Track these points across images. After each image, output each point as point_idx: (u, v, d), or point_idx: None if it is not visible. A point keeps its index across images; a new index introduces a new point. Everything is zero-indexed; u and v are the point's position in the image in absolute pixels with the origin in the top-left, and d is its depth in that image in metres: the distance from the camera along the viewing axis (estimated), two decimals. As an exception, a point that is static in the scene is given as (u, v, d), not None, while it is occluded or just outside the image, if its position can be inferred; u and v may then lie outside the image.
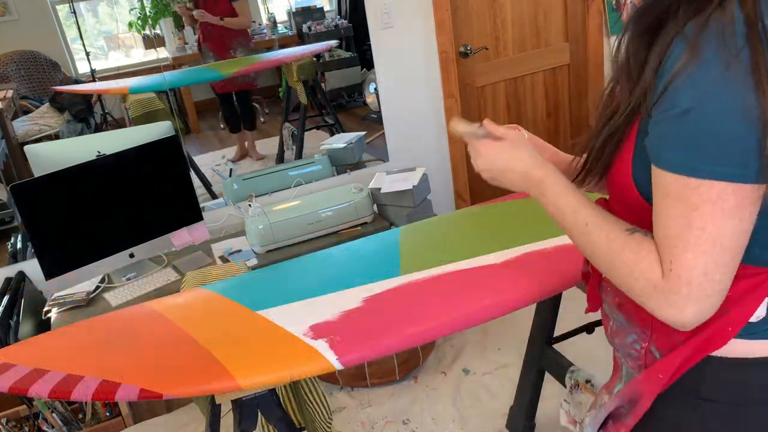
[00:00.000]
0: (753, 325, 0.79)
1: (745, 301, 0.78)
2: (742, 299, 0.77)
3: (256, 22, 2.97)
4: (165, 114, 2.71)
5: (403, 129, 3.01)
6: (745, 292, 0.77)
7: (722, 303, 0.74)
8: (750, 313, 0.78)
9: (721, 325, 0.78)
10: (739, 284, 0.76)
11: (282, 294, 1.40)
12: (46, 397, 1.15)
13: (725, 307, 0.75)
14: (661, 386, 0.84)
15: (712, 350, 0.80)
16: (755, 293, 0.77)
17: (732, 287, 0.74)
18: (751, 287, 0.77)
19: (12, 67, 2.48)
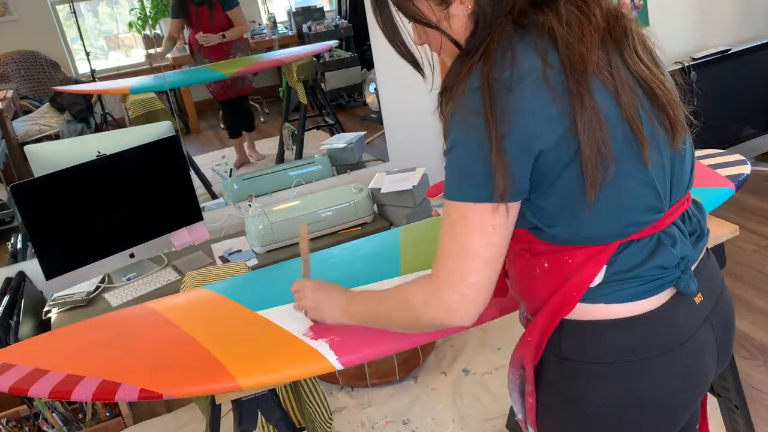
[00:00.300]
0: (593, 290, 0.91)
1: (584, 269, 0.91)
2: (582, 268, 0.91)
3: (256, 22, 2.97)
4: (165, 114, 2.71)
5: (403, 129, 3.01)
6: (584, 261, 0.91)
7: (565, 271, 0.91)
8: (589, 279, 0.91)
9: (567, 290, 0.92)
10: (578, 255, 0.91)
11: (282, 294, 1.40)
12: (46, 397, 1.15)
13: (568, 275, 0.91)
14: (533, 348, 0.96)
15: (564, 314, 0.93)
16: (592, 262, 0.90)
17: (572, 258, 0.91)
18: (589, 257, 0.90)
19: (12, 67, 2.48)
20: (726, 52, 3.31)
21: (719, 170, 1.66)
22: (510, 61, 0.83)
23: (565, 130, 0.83)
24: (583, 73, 0.83)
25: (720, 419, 1.68)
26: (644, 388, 0.92)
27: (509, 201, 0.85)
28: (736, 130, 3.50)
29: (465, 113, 0.84)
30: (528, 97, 0.82)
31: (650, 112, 0.89)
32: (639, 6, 3.24)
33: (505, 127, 0.81)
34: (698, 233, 0.99)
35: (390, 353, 1.19)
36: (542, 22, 0.86)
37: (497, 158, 0.82)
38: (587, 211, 0.86)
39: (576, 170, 0.84)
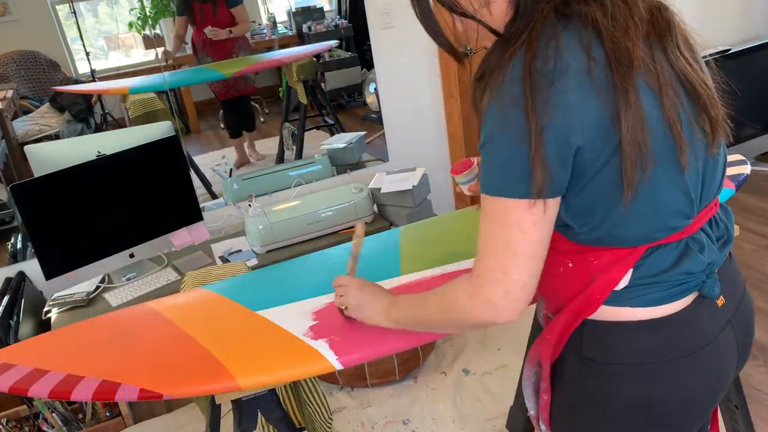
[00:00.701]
0: (618, 293, 0.90)
1: (610, 272, 0.90)
2: (607, 270, 0.90)
3: (256, 22, 2.97)
4: (165, 114, 2.71)
5: (403, 129, 3.01)
6: (610, 264, 0.89)
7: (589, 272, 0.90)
8: (615, 282, 0.90)
9: (591, 291, 0.91)
10: (604, 257, 0.90)
11: (282, 294, 1.40)
12: (46, 397, 1.15)
13: (593, 276, 0.90)
14: (551, 346, 0.96)
15: (587, 314, 0.92)
16: (619, 265, 0.89)
17: (598, 259, 0.90)
18: (616, 260, 0.89)
19: (12, 67, 2.48)
20: (726, 52, 3.31)
21: (719, 170, 1.65)
22: (553, 51, 0.80)
23: (607, 127, 0.81)
24: (629, 68, 0.81)
25: (720, 419, 1.68)
26: (665, 390, 0.91)
27: (547, 197, 0.83)
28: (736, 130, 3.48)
29: (503, 104, 0.81)
30: (571, 90, 0.80)
31: (690, 113, 0.87)
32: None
33: (546, 120, 0.79)
34: (725, 238, 0.98)
35: (390, 353, 1.19)
36: (585, 13, 0.83)
37: (536, 153, 0.79)
38: (620, 212, 0.85)
39: (614, 169, 0.82)
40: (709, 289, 0.92)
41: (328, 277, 1.46)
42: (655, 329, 0.90)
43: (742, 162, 1.69)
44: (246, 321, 1.31)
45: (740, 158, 1.71)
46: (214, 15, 2.78)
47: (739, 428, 1.62)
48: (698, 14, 3.42)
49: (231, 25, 2.81)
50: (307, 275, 1.50)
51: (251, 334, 1.25)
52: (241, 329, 1.28)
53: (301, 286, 1.44)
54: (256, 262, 2.41)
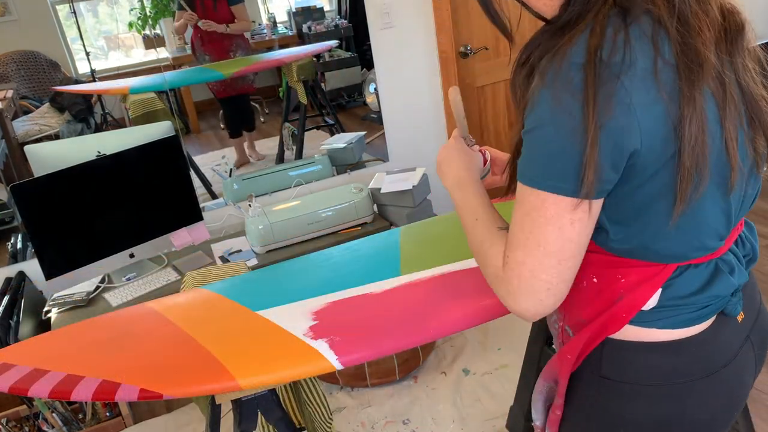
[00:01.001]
0: (645, 314, 0.87)
1: (638, 291, 0.85)
2: (635, 289, 0.86)
3: (256, 22, 2.97)
4: (165, 114, 2.71)
5: (403, 129, 3.01)
6: (638, 283, 0.85)
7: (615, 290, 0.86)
8: (642, 302, 0.86)
9: (616, 310, 0.87)
10: (632, 274, 0.85)
11: (282, 294, 1.40)
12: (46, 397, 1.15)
13: (620, 294, 0.86)
14: (570, 365, 0.92)
15: (610, 333, 0.88)
16: (648, 284, 0.85)
17: (624, 277, 0.85)
18: (644, 278, 0.85)
19: (12, 67, 2.48)
20: (726, 52, 3.30)
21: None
22: (622, 42, 0.73)
23: (667, 134, 0.75)
24: (699, 74, 0.74)
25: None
26: (686, 409, 0.88)
27: (594, 197, 0.77)
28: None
29: (560, 91, 0.74)
30: (637, 89, 0.73)
31: (747, 131, 0.82)
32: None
33: (606, 117, 0.72)
34: (750, 257, 0.95)
35: (390, 353, 1.19)
36: (650, 10, 0.76)
37: (591, 150, 0.73)
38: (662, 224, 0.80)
39: (666, 178, 0.77)
40: (733, 308, 0.90)
41: (328, 277, 1.46)
42: (678, 350, 0.88)
43: (742, 162, 1.69)
44: (246, 321, 1.31)
45: (740, 158, 1.71)
46: (215, 9, 2.79)
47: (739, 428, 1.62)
48: (698, 14, 3.42)
49: (230, 22, 2.81)
50: (307, 275, 1.50)
51: (251, 334, 1.25)
52: (241, 329, 1.28)
53: (301, 286, 1.44)
54: (256, 262, 2.41)
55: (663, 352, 0.88)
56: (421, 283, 1.37)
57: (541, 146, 0.77)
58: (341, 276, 1.46)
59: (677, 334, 0.88)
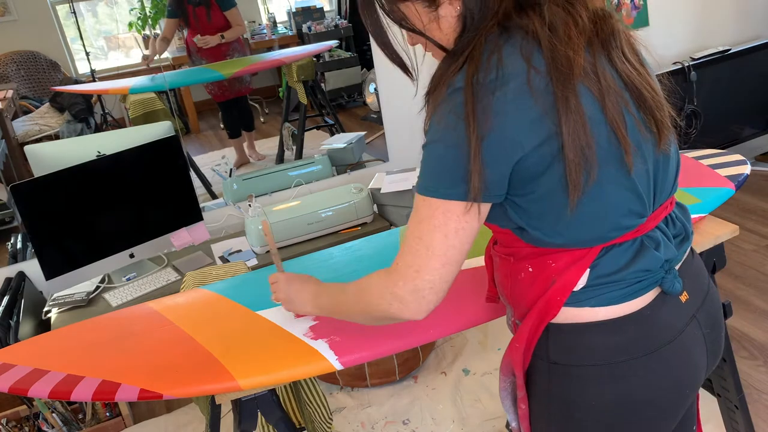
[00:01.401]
0: (576, 294, 0.92)
1: (568, 273, 0.91)
2: (565, 271, 0.91)
3: (256, 22, 2.97)
4: (165, 114, 2.71)
5: (403, 129, 3.01)
6: (567, 266, 0.91)
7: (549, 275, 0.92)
8: (573, 283, 0.91)
9: (551, 294, 0.92)
10: (561, 259, 0.91)
11: (282, 294, 1.40)
12: (46, 398, 1.15)
13: (552, 279, 0.92)
14: (521, 354, 0.97)
15: (550, 318, 0.94)
16: (576, 266, 0.91)
17: (555, 261, 0.91)
18: (572, 261, 0.91)
19: (12, 67, 2.48)
20: (726, 52, 3.31)
21: (719, 170, 1.66)
22: (495, 63, 0.83)
23: (548, 134, 0.83)
24: (569, 75, 0.83)
25: (720, 419, 1.68)
26: (632, 388, 0.92)
27: (481, 201, 0.85)
28: (736, 130, 3.50)
29: (444, 112, 0.85)
30: (511, 100, 0.82)
31: (636, 116, 0.89)
32: (639, 6, 3.24)
33: (485, 128, 0.81)
34: (683, 236, 1.00)
35: (390, 353, 1.19)
36: (526, 25, 0.85)
37: (474, 158, 0.82)
38: (569, 214, 0.87)
39: (558, 173, 0.84)
40: (670, 286, 0.93)
41: (328, 277, 1.46)
42: (617, 328, 0.92)
43: (742, 162, 1.69)
44: (246, 321, 1.31)
45: (740, 158, 1.71)
46: (208, 18, 2.78)
47: (739, 428, 1.62)
48: (698, 14, 3.42)
49: (225, 28, 2.80)
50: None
51: (251, 334, 1.25)
52: (241, 329, 1.28)
53: (301, 286, 1.44)
54: (256, 262, 2.41)
55: (604, 331, 0.92)
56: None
57: (431, 160, 0.87)
58: (341, 276, 1.46)
59: (614, 312, 0.92)
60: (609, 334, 0.92)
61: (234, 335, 1.26)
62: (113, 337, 1.32)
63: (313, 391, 1.75)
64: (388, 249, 1.56)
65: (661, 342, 0.93)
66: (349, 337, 1.19)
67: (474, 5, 0.87)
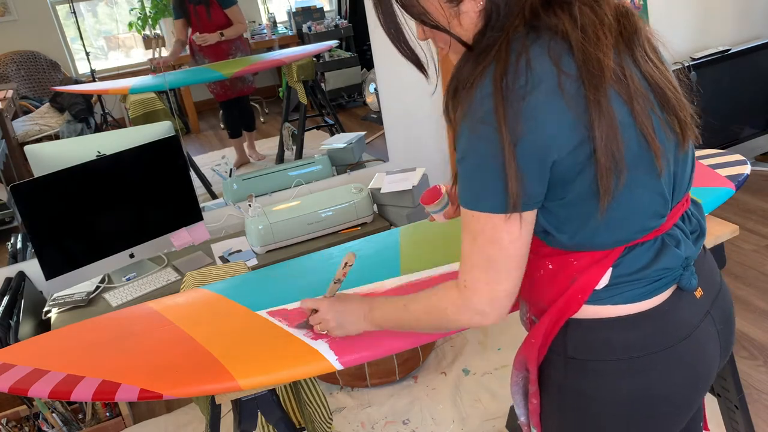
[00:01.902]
0: (598, 293, 0.92)
1: (590, 272, 0.91)
2: (587, 270, 0.91)
3: (256, 22, 2.97)
4: (165, 114, 2.71)
5: (403, 129, 3.01)
6: (589, 264, 0.91)
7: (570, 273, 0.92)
8: (594, 282, 0.91)
9: (572, 292, 0.92)
10: (584, 258, 0.91)
11: (282, 294, 1.40)
12: (46, 398, 1.15)
13: (573, 277, 0.92)
14: (536, 349, 0.97)
15: (569, 315, 0.94)
16: (598, 265, 0.91)
17: (577, 260, 0.91)
18: (595, 260, 0.91)
19: (12, 67, 2.48)
20: (726, 52, 3.31)
21: (719, 170, 1.66)
22: (524, 66, 0.81)
23: (581, 139, 0.82)
24: (601, 79, 0.81)
25: (720, 419, 1.68)
26: (650, 383, 0.92)
27: (522, 210, 0.84)
28: (736, 130, 3.51)
29: (475, 121, 0.82)
30: (542, 105, 0.80)
31: (661, 116, 0.88)
32: (639, 6, 3.24)
33: (518, 135, 0.80)
34: (698, 232, 1.00)
35: (390, 353, 1.19)
36: (555, 25, 0.83)
37: (510, 167, 0.80)
38: (598, 219, 0.86)
39: (589, 178, 0.84)
40: (687, 282, 0.94)
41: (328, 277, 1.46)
42: (636, 324, 0.92)
43: (742, 162, 1.69)
44: (246, 321, 1.31)
45: (740, 158, 1.71)
46: (208, 17, 2.77)
47: (739, 428, 1.62)
48: (698, 14, 3.42)
49: (226, 26, 2.80)
50: (307, 275, 1.50)
51: (251, 334, 1.25)
52: (241, 329, 1.28)
53: (301, 286, 1.44)
54: (256, 262, 2.41)
55: (622, 327, 0.92)
56: (421, 283, 1.37)
57: (469, 173, 0.85)
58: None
59: (632, 309, 0.92)
60: (628, 329, 0.92)
61: (234, 335, 1.26)
62: (113, 337, 1.32)
63: (313, 391, 1.74)
64: (388, 249, 1.56)
65: (678, 337, 0.93)
66: (350, 337, 1.19)
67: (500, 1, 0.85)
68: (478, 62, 0.85)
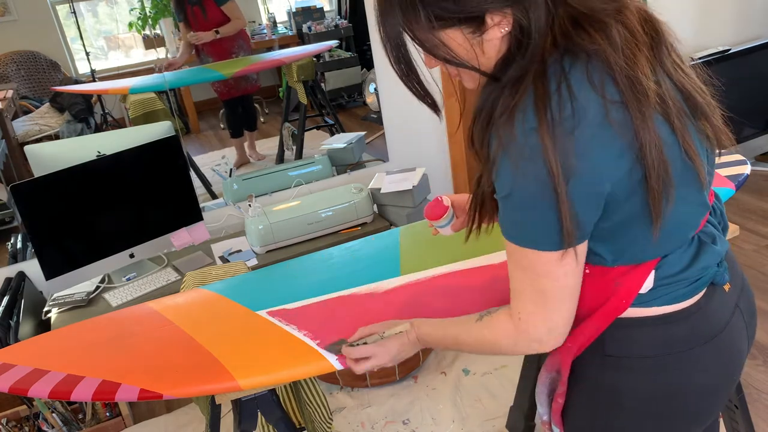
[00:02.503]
0: (643, 296, 0.91)
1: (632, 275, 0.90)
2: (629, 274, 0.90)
3: (256, 22, 2.97)
4: (165, 114, 2.71)
5: (403, 129, 3.01)
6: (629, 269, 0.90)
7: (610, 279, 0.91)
8: (638, 286, 0.90)
9: (617, 299, 0.91)
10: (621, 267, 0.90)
11: (282, 294, 1.40)
12: (46, 398, 1.15)
13: (615, 281, 0.91)
14: (572, 354, 0.96)
15: (619, 313, 0.93)
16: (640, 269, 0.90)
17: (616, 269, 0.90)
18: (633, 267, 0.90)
19: (12, 67, 2.48)
20: (726, 52, 3.31)
21: (719, 170, 1.66)
22: (567, 95, 0.76)
23: (631, 165, 0.79)
24: (646, 103, 0.78)
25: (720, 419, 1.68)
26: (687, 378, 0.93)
27: (577, 245, 0.83)
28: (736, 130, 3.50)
29: (520, 158, 0.78)
30: (592, 138, 0.77)
31: (695, 125, 0.87)
32: (639, 6, 3.24)
33: (570, 173, 0.76)
34: (723, 225, 1.00)
35: (390, 353, 1.19)
36: (591, 47, 0.78)
37: (563, 205, 0.77)
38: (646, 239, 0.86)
39: (639, 201, 0.82)
40: (721, 277, 0.94)
41: (328, 278, 1.46)
42: (676, 321, 0.92)
43: (742, 162, 1.69)
44: (246, 321, 1.31)
45: (740, 158, 1.71)
46: (204, 16, 2.77)
47: (739, 428, 1.62)
48: (698, 14, 3.42)
49: (224, 23, 2.80)
50: (307, 275, 1.50)
51: (251, 334, 1.25)
52: (241, 329, 1.28)
53: (301, 286, 1.44)
54: (256, 262, 2.41)
55: (661, 324, 0.92)
56: (421, 283, 1.37)
57: (516, 211, 0.82)
58: (341, 276, 1.46)
59: (674, 308, 0.92)
60: (667, 326, 0.92)
61: (234, 335, 1.26)
62: (113, 337, 1.32)
63: (313, 391, 1.74)
64: (388, 249, 1.56)
65: (714, 332, 0.94)
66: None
67: (526, 25, 0.79)
68: (513, 92, 0.80)
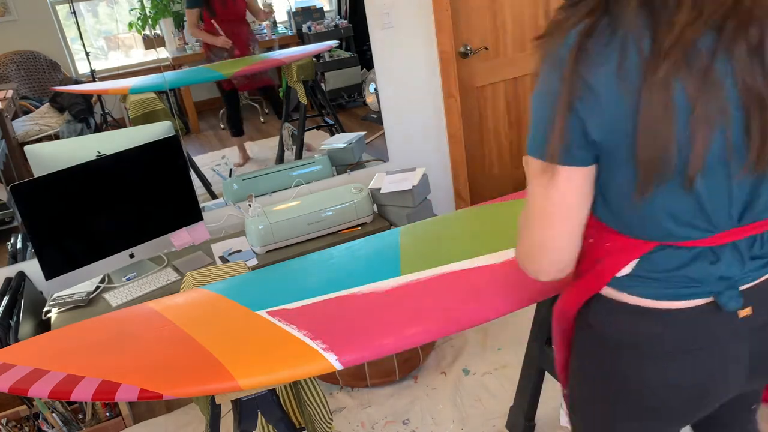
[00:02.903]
0: (619, 280, 0.95)
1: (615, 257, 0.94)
2: (613, 254, 0.94)
3: (256, 22, 2.97)
4: (165, 114, 2.71)
5: (403, 129, 3.01)
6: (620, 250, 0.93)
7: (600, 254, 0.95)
8: (617, 268, 0.94)
9: (598, 270, 0.96)
10: (618, 241, 0.93)
11: (282, 294, 1.40)
12: (46, 398, 1.15)
13: (600, 257, 0.95)
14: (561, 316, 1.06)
15: (594, 290, 0.98)
16: (625, 253, 0.93)
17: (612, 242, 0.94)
18: (624, 247, 0.93)
19: (12, 67, 2.48)
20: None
21: None
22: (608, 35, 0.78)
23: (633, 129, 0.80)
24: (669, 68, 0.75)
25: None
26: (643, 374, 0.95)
27: (558, 163, 0.85)
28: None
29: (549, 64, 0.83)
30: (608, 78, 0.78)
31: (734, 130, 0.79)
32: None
33: (576, 98, 0.80)
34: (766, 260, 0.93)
35: (390, 353, 1.19)
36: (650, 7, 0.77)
37: (558, 119, 0.82)
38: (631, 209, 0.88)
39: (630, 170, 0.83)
40: (726, 301, 0.90)
41: (328, 277, 1.46)
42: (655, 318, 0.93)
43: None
44: (246, 321, 1.31)
45: None
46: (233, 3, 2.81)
47: None
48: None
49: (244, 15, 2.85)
50: (307, 275, 1.50)
51: (251, 334, 1.25)
52: (241, 329, 1.28)
53: (301, 286, 1.44)
54: (256, 262, 2.41)
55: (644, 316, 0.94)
56: (421, 283, 1.37)
57: (533, 113, 0.88)
58: (341, 276, 1.46)
59: (659, 305, 0.93)
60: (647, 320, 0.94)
61: (234, 335, 1.26)
62: (113, 337, 1.32)
63: (313, 391, 1.74)
64: (388, 249, 1.56)
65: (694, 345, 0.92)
66: (350, 337, 1.19)
67: None
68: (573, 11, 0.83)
